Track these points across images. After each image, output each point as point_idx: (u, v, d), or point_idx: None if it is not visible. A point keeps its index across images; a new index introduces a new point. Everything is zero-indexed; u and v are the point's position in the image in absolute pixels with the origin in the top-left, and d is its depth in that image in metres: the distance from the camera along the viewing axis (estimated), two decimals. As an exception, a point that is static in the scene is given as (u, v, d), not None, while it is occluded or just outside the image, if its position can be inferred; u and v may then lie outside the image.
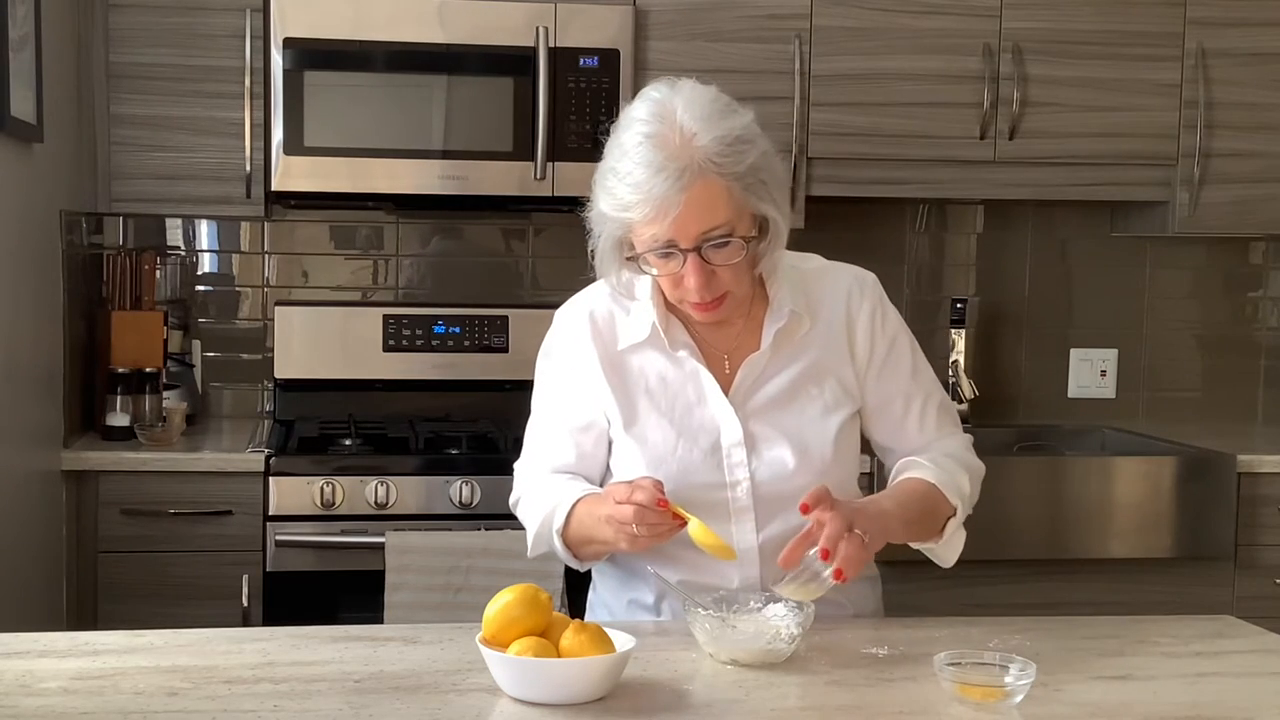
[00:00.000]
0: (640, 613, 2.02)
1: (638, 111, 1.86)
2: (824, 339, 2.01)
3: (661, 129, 1.82)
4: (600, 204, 1.88)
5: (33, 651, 1.75)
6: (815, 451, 1.97)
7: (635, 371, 2.00)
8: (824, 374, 2.00)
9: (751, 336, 2.00)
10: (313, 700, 1.58)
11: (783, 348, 1.99)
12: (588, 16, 3.31)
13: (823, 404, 1.99)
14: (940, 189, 3.53)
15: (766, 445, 1.96)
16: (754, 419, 1.97)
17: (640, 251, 1.87)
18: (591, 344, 2.01)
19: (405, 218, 3.72)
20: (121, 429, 3.21)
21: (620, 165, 1.84)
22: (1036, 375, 3.97)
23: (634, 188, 1.81)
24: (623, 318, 2.01)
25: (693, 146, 1.80)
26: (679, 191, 1.79)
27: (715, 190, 1.82)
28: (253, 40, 3.24)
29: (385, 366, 3.58)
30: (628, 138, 1.84)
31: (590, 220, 1.94)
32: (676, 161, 1.79)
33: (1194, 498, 3.33)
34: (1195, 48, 3.53)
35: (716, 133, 1.82)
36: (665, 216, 1.81)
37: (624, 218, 1.85)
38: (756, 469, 1.95)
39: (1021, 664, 1.62)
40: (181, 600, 3.03)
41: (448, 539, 3.01)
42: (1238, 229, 3.69)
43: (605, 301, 2.04)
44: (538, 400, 2.09)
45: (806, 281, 2.02)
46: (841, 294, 2.03)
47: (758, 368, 1.98)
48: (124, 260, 3.36)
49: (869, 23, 3.42)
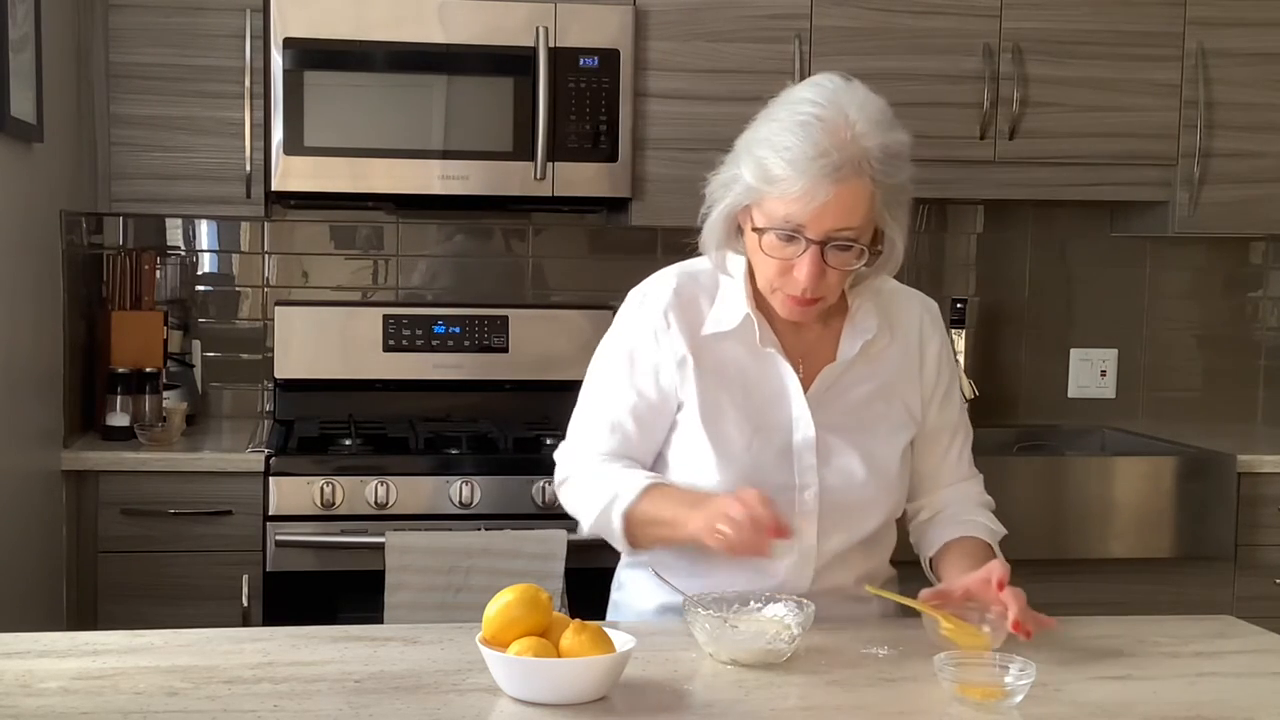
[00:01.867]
0: (670, 616, 1.99)
1: (808, 93, 1.85)
2: (897, 360, 2.02)
3: (833, 116, 1.81)
4: (743, 170, 1.86)
5: (33, 651, 1.74)
6: (883, 467, 1.98)
7: (715, 360, 1.97)
8: (893, 394, 2.01)
9: (824, 345, 1.99)
10: (313, 700, 1.58)
11: (859, 362, 1.99)
12: (588, 16, 3.31)
13: (890, 423, 2.00)
14: (940, 189, 3.53)
15: (837, 454, 1.96)
16: (826, 427, 1.96)
17: (763, 226, 1.85)
18: (675, 324, 1.98)
19: (405, 218, 3.72)
20: (121, 429, 3.21)
21: (780, 139, 1.82)
22: (1036, 375, 3.97)
23: (790, 164, 1.80)
24: (705, 304, 1.99)
25: (858, 145, 1.80)
26: (834, 183, 1.79)
27: (863, 193, 1.82)
28: (253, 40, 3.24)
29: (385, 366, 3.57)
30: (792, 114, 1.83)
31: (713, 187, 1.93)
32: (840, 152, 1.79)
33: (1194, 498, 3.33)
34: (1195, 48, 3.53)
35: (883, 139, 1.82)
36: (811, 202, 1.80)
37: (763, 189, 1.83)
38: (825, 475, 1.95)
39: (1021, 664, 1.62)
40: (181, 600, 3.03)
41: (448, 539, 3.01)
42: (1238, 229, 3.69)
43: (686, 285, 2.01)
44: (599, 377, 2.04)
45: (884, 299, 2.02)
46: (915, 318, 2.04)
47: (835, 376, 1.98)
48: (124, 260, 3.36)
49: (869, 23, 3.43)
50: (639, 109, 3.35)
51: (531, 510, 3.11)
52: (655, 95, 3.36)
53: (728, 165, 1.91)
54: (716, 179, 1.92)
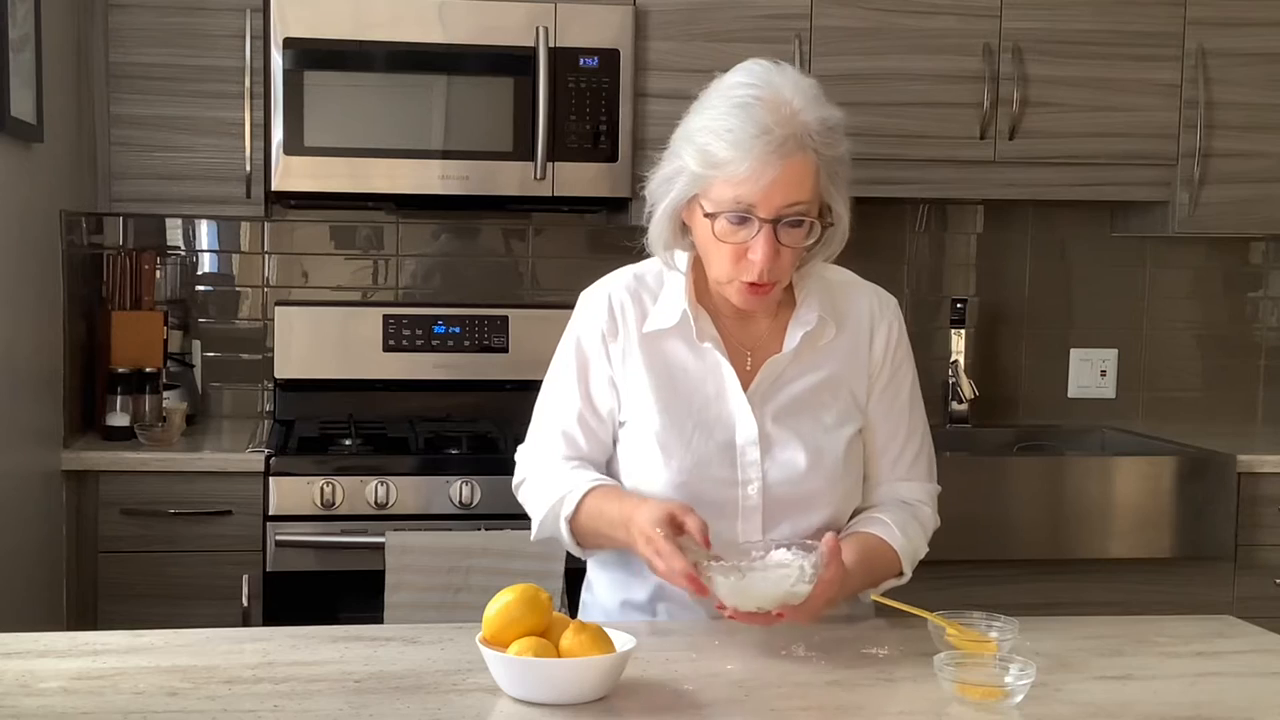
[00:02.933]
0: (634, 613, 2.02)
1: (741, 77, 1.88)
2: (844, 351, 2.01)
3: (770, 96, 1.84)
4: (686, 160, 1.87)
5: (33, 651, 1.75)
6: (828, 459, 1.97)
7: (657, 358, 1.99)
8: (840, 385, 2.00)
9: (774, 338, 2.00)
10: (313, 700, 1.58)
11: (805, 353, 1.99)
12: (588, 16, 3.31)
13: (836, 414, 1.99)
14: (940, 189, 3.53)
15: (780, 447, 1.96)
16: (770, 420, 1.97)
17: (714, 212, 1.86)
18: (614, 327, 2.00)
19: (405, 218, 3.72)
20: (121, 429, 3.21)
21: (720, 122, 1.84)
22: (1036, 375, 3.97)
23: (734, 145, 1.82)
24: (649, 303, 2.01)
25: (798, 120, 1.83)
26: (780, 158, 1.81)
27: (808, 167, 1.84)
28: (253, 40, 3.24)
29: (385, 366, 3.58)
30: (728, 99, 1.85)
31: (654, 185, 1.94)
32: (782, 129, 1.81)
33: (1194, 498, 3.33)
34: (1195, 48, 3.53)
35: (820, 114, 1.85)
36: (759, 180, 1.82)
37: (709, 175, 1.85)
38: (769, 469, 1.95)
39: (1021, 664, 1.62)
40: (181, 600, 3.03)
41: (448, 539, 3.01)
42: (1238, 229, 3.69)
43: (631, 286, 2.03)
44: (552, 381, 2.07)
45: (833, 292, 2.03)
46: (865, 310, 2.04)
47: (779, 369, 1.98)
48: (124, 260, 3.36)
49: (869, 23, 3.43)
50: (639, 109, 3.35)
51: (531, 510, 3.11)
52: (655, 95, 3.36)
53: (667, 160, 1.92)
54: (657, 175, 1.94)
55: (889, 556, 1.95)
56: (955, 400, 3.77)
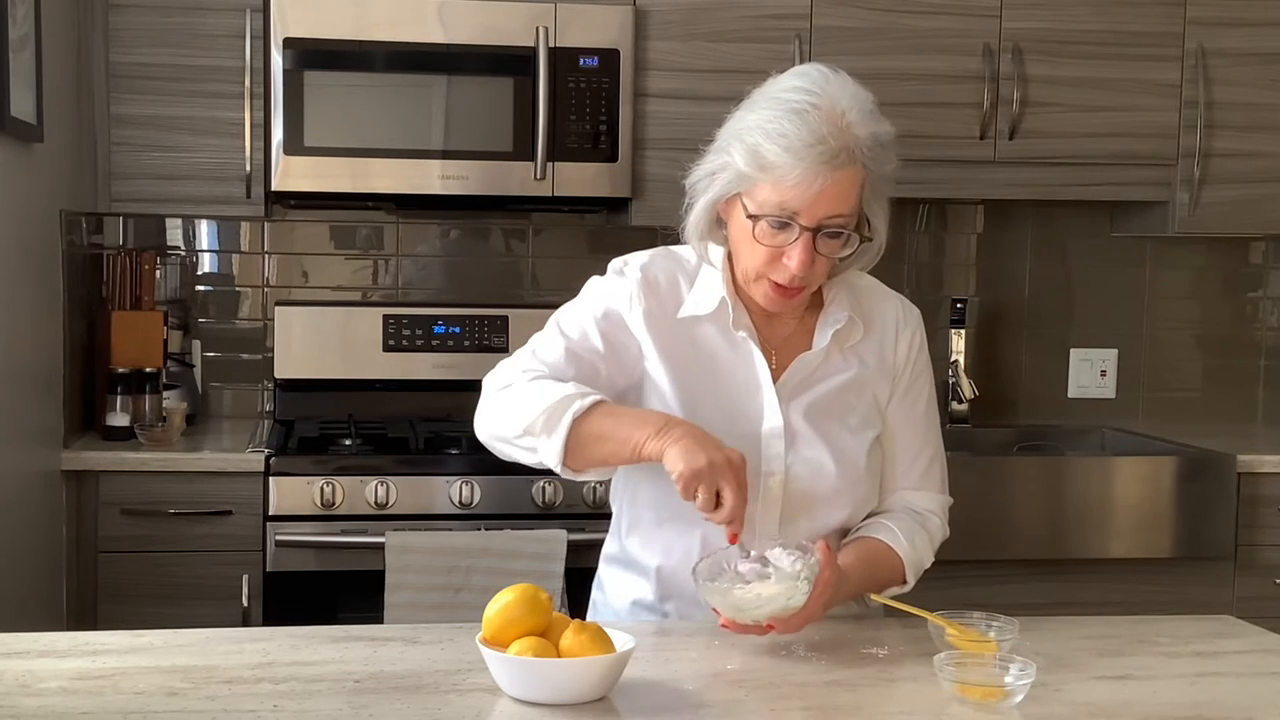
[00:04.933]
0: (644, 613, 2.02)
1: (798, 82, 1.86)
2: (870, 354, 2.01)
3: (828, 105, 1.82)
4: (734, 158, 1.85)
5: (33, 651, 1.74)
6: (850, 460, 1.97)
7: (689, 342, 1.97)
8: (864, 388, 2.00)
9: (800, 337, 2.00)
10: (313, 700, 1.58)
11: (833, 354, 1.99)
12: (588, 16, 3.31)
13: (860, 417, 1.99)
14: (940, 189, 3.53)
15: (806, 444, 1.96)
16: (796, 416, 1.96)
17: (756, 214, 1.85)
18: (649, 302, 1.96)
19: (405, 218, 3.72)
20: (121, 429, 3.21)
21: (774, 125, 1.82)
22: (1036, 375, 3.97)
23: (788, 150, 1.80)
24: (686, 286, 1.99)
25: (851, 133, 1.82)
26: (831, 169, 1.80)
27: (855, 181, 1.84)
28: (253, 40, 3.24)
29: (385, 366, 3.58)
30: (784, 102, 1.83)
31: (696, 178, 1.92)
32: (837, 140, 1.81)
33: (1194, 498, 3.33)
34: (1195, 48, 3.53)
35: (873, 129, 1.84)
36: (808, 189, 1.81)
37: (757, 176, 1.84)
38: (793, 463, 1.95)
39: (1021, 664, 1.62)
40: (181, 600, 3.03)
41: (448, 539, 3.01)
42: (1238, 229, 3.69)
43: (670, 263, 2.01)
44: (565, 318, 1.98)
45: (859, 295, 2.03)
46: (890, 315, 2.05)
47: (809, 367, 1.98)
48: (124, 260, 3.36)
49: (869, 23, 3.43)
50: (639, 109, 3.36)
51: (531, 510, 3.11)
52: (655, 95, 3.36)
53: (713, 155, 1.91)
54: (700, 169, 1.93)
55: (893, 563, 1.95)
56: (955, 400, 3.77)
